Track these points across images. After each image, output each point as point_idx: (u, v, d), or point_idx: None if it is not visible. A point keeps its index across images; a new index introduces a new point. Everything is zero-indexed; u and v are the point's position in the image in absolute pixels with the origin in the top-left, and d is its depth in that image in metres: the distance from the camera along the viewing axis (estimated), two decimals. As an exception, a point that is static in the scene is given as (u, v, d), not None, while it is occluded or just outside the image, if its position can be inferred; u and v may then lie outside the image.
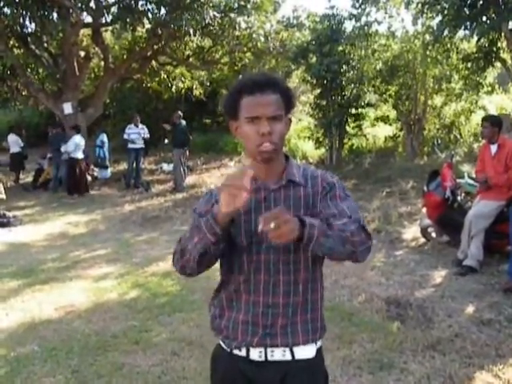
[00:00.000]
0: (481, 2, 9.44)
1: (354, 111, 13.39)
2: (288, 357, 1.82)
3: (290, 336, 1.81)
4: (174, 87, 18.09)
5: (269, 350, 1.82)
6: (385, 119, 14.55)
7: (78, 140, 12.60)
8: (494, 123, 5.98)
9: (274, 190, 1.81)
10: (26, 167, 15.16)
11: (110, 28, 15.86)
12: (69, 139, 12.77)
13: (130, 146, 13.49)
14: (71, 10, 13.17)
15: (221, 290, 1.94)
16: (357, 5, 12.53)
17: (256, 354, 1.83)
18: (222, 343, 1.93)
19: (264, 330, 1.81)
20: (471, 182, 6.66)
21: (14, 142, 14.57)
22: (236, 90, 1.78)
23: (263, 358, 1.83)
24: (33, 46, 15.05)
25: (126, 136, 13.53)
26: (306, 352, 1.84)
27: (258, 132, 1.71)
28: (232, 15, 13.82)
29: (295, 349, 1.82)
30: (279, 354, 1.82)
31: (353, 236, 1.64)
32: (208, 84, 18.83)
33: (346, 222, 1.67)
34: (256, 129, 1.71)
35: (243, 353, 1.85)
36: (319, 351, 1.89)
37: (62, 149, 12.82)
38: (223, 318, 1.91)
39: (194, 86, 18.25)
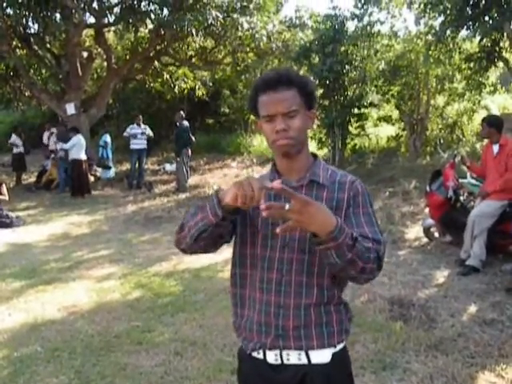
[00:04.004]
0: (483, 2, 9.42)
1: (356, 111, 13.36)
2: (304, 360, 1.78)
3: (304, 339, 1.77)
4: (176, 87, 18.11)
5: (284, 352, 1.79)
6: (387, 119, 14.52)
7: (77, 140, 12.64)
8: (490, 123, 5.98)
9: (294, 187, 1.75)
10: (28, 168, 15.18)
11: (113, 28, 15.94)
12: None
13: (133, 146, 13.54)
14: (74, 11, 13.20)
15: (237, 285, 1.90)
16: (359, 5, 12.50)
17: (272, 358, 1.81)
18: (242, 345, 1.91)
19: (276, 331, 1.78)
20: (474, 181, 6.66)
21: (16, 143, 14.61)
22: (253, 89, 1.79)
23: (279, 362, 1.80)
24: (36, 47, 15.10)
25: (126, 134, 13.59)
26: (321, 357, 1.79)
27: (273, 129, 1.72)
28: (235, 15, 13.83)
29: (311, 352, 1.78)
30: (295, 358, 1.79)
31: (366, 263, 1.59)
32: (211, 84, 18.85)
33: (370, 248, 1.61)
34: (272, 126, 1.72)
35: (261, 355, 1.83)
36: (339, 355, 1.82)
37: (58, 146, 12.95)
38: (241, 317, 1.89)
39: (197, 87, 18.26)
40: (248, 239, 1.82)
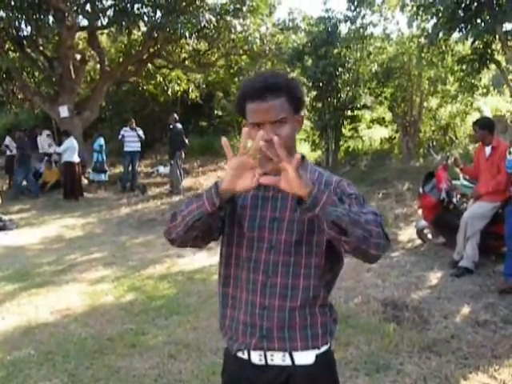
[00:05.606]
0: (475, 5, 9.46)
1: (349, 113, 13.40)
2: (288, 361, 1.79)
3: (288, 340, 1.78)
4: (170, 90, 18.08)
5: (268, 353, 1.79)
6: (380, 121, 14.55)
7: (70, 143, 12.60)
8: (482, 126, 6.01)
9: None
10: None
11: (106, 31, 15.90)
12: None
13: (126, 149, 13.52)
14: (67, 14, 13.19)
15: (223, 285, 1.90)
16: (352, 7, 12.53)
17: (256, 358, 1.81)
18: (227, 345, 1.91)
19: (260, 332, 1.78)
20: (466, 183, 6.69)
21: (9, 145, 14.56)
22: (240, 95, 1.76)
23: (263, 362, 1.81)
24: (28, 50, 15.05)
25: (120, 137, 13.56)
26: (305, 358, 1.79)
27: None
28: (228, 18, 13.84)
29: (294, 354, 1.79)
30: (279, 359, 1.79)
31: (367, 224, 1.56)
32: (204, 87, 18.83)
33: (365, 212, 1.61)
34: None
35: (245, 356, 1.83)
36: (323, 356, 1.83)
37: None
38: (226, 317, 1.89)
39: (190, 89, 18.25)
40: (234, 239, 1.82)
